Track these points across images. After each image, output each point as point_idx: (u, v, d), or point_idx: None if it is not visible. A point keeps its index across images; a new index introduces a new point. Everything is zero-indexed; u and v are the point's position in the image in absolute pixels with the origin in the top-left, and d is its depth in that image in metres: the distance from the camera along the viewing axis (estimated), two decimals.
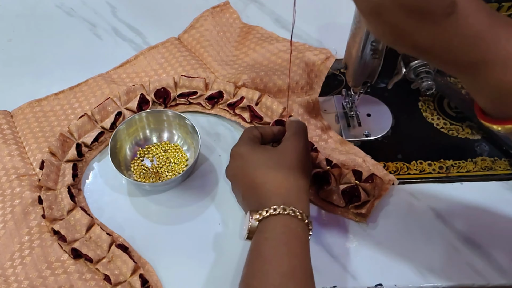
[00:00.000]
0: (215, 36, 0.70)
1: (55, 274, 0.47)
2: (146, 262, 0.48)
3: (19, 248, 0.48)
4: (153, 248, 0.49)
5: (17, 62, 0.70)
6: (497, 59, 0.29)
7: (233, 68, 0.65)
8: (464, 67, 0.30)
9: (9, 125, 0.60)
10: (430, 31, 0.28)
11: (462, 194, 0.53)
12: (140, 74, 0.66)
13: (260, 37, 0.69)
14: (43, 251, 0.48)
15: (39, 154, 0.56)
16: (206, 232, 0.50)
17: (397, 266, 0.47)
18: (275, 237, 0.40)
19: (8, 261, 0.48)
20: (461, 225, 0.50)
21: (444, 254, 0.48)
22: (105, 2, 0.78)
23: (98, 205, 0.53)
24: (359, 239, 0.49)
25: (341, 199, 0.50)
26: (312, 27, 0.72)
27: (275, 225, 0.40)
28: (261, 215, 0.40)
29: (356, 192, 0.49)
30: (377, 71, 0.48)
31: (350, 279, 0.47)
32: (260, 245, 0.40)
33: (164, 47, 0.69)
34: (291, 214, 0.40)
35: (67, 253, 0.48)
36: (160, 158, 0.56)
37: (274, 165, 0.44)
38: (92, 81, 0.65)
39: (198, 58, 0.67)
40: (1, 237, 0.49)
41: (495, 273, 0.46)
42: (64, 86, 0.65)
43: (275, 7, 0.77)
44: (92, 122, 0.58)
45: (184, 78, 0.61)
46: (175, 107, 0.61)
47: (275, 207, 0.40)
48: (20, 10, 0.78)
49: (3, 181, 0.54)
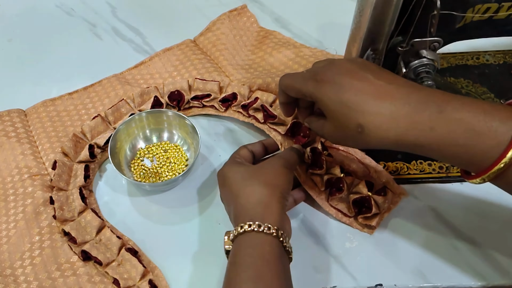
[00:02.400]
0: (231, 40, 0.69)
1: (64, 275, 0.46)
2: (155, 267, 0.47)
3: (29, 248, 0.48)
4: (154, 248, 0.49)
5: (17, 62, 0.70)
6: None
7: (249, 72, 0.64)
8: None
9: (23, 124, 0.60)
10: (358, 139, 0.37)
11: (462, 194, 0.53)
12: (154, 76, 0.66)
13: (277, 42, 0.68)
14: (53, 252, 0.48)
15: (51, 154, 0.56)
16: (206, 232, 0.50)
17: (397, 266, 0.47)
18: (236, 260, 0.38)
19: (18, 261, 0.48)
20: (461, 225, 0.50)
21: (444, 254, 0.48)
22: (105, 2, 0.78)
23: (108, 207, 0.53)
24: (359, 239, 0.49)
25: (351, 209, 0.50)
26: (312, 27, 0.72)
27: (239, 247, 0.39)
28: (229, 237, 0.40)
29: (367, 203, 0.48)
30: None
31: (350, 279, 0.47)
32: (228, 271, 0.38)
33: (179, 49, 0.69)
34: (255, 230, 0.38)
35: (76, 255, 0.48)
36: (160, 158, 0.56)
37: (249, 178, 0.43)
38: (106, 82, 0.64)
39: (213, 62, 0.67)
40: (12, 237, 0.49)
41: (495, 273, 0.46)
42: (64, 86, 0.65)
43: (275, 7, 0.77)
44: (105, 123, 0.58)
45: (198, 81, 0.61)
46: (189, 110, 0.61)
47: (241, 225, 0.39)
48: (20, 10, 0.78)
49: (16, 180, 0.54)
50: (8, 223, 0.50)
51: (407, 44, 0.43)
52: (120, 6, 0.78)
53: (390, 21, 0.41)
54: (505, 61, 0.64)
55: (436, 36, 0.43)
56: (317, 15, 0.75)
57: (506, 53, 0.64)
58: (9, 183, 0.54)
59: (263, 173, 0.43)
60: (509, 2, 0.42)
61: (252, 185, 0.42)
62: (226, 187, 0.44)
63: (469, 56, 0.64)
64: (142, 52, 0.70)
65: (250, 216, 0.39)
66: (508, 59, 0.64)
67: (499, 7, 0.43)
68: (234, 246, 0.40)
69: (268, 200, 0.41)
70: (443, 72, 0.63)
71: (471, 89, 0.61)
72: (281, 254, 0.39)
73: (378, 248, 0.48)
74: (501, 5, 0.42)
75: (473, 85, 0.61)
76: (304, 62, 0.64)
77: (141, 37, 0.73)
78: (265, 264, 0.37)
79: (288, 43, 0.68)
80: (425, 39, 0.43)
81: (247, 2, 0.77)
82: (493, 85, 0.61)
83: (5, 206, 0.52)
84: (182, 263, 0.48)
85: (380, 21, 0.41)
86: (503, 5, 0.42)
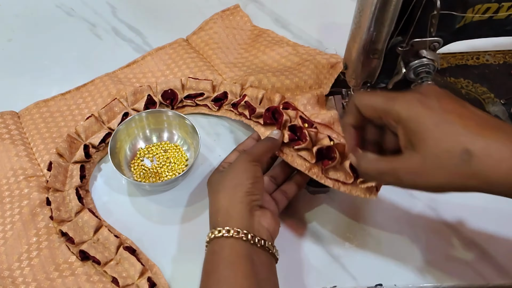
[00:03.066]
0: (224, 39, 0.69)
1: (62, 276, 0.46)
2: (154, 264, 0.48)
3: (27, 249, 0.48)
4: (152, 247, 0.49)
5: (17, 62, 0.69)
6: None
7: (241, 70, 0.64)
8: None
9: (17, 125, 0.60)
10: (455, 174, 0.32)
11: (462, 194, 0.52)
12: (147, 75, 0.66)
13: (270, 40, 0.69)
14: (51, 252, 0.48)
15: (46, 155, 0.56)
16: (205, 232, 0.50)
17: (397, 266, 0.47)
18: (204, 268, 0.40)
19: (16, 262, 0.47)
20: (461, 225, 0.50)
21: (444, 254, 0.48)
22: (105, 2, 0.78)
23: (105, 207, 0.53)
24: (359, 239, 0.49)
25: (349, 175, 0.46)
26: (312, 27, 0.72)
27: (207, 255, 0.40)
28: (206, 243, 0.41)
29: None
30: (377, 71, 0.48)
31: (350, 279, 0.47)
32: (200, 280, 0.40)
33: (171, 48, 0.69)
34: (217, 235, 0.39)
35: (74, 255, 0.48)
36: (160, 158, 0.56)
37: (216, 186, 0.44)
38: (99, 81, 0.64)
39: (206, 60, 0.67)
40: (9, 238, 0.49)
41: (495, 273, 0.46)
42: (64, 86, 0.65)
43: (275, 7, 0.77)
44: (99, 123, 0.58)
45: (191, 80, 0.61)
46: (182, 109, 0.61)
47: (208, 234, 0.41)
48: (20, 10, 0.78)
49: (12, 182, 0.53)
50: (5, 225, 0.50)
51: (407, 44, 0.43)
52: (120, 6, 0.78)
53: (390, 21, 0.41)
54: (505, 61, 0.64)
55: (436, 36, 0.43)
56: (317, 15, 0.75)
57: (506, 53, 0.64)
58: (4, 185, 0.53)
59: (226, 176, 0.43)
60: (509, 2, 0.42)
61: (217, 191, 0.43)
62: (209, 195, 0.46)
63: (469, 56, 0.64)
64: (142, 52, 0.70)
65: (215, 223, 0.41)
66: (508, 59, 0.64)
67: (499, 7, 0.43)
68: (205, 255, 0.41)
69: (228, 204, 0.41)
70: (443, 72, 0.63)
71: (471, 89, 0.61)
72: (248, 254, 0.38)
73: (378, 248, 0.48)
74: (501, 5, 0.42)
75: (473, 85, 0.61)
76: (297, 59, 0.64)
77: (141, 37, 0.73)
78: (227, 267, 0.37)
79: (282, 41, 0.68)
80: (425, 39, 0.43)
81: (247, 2, 0.77)
82: (493, 85, 0.61)
83: (1, 208, 0.52)
84: (181, 260, 0.48)
85: (380, 21, 0.41)
86: (503, 5, 0.42)
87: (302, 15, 0.75)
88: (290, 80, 0.60)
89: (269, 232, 0.42)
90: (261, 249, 0.40)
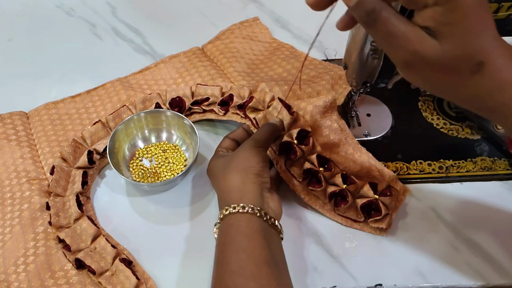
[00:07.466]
0: (240, 49, 0.69)
1: (57, 284, 0.46)
2: (149, 278, 0.47)
3: (24, 254, 0.48)
4: (150, 254, 0.49)
5: (17, 62, 0.70)
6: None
7: (254, 80, 0.64)
8: (492, 111, 0.32)
9: (24, 126, 0.60)
10: (458, 84, 0.30)
11: (462, 194, 0.53)
12: (158, 82, 0.65)
13: (288, 55, 0.67)
14: (47, 259, 0.47)
15: (50, 158, 0.56)
16: (205, 232, 0.50)
17: (397, 266, 0.47)
18: (220, 240, 0.42)
19: (12, 267, 0.47)
20: (461, 225, 0.50)
21: (444, 254, 0.48)
22: (105, 2, 0.78)
23: (105, 214, 0.52)
24: (359, 239, 0.49)
25: (359, 214, 0.50)
26: (312, 27, 0.72)
27: (222, 229, 0.42)
28: (215, 226, 0.44)
29: (375, 206, 0.48)
30: (377, 71, 0.48)
31: (350, 279, 0.46)
32: (216, 252, 0.42)
33: (185, 56, 0.68)
34: (232, 212, 0.42)
35: (70, 263, 0.47)
36: (158, 158, 0.56)
37: (226, 168, 0.46)
38: (110, 85, 0.64)
39: (219, 68, 0.66)
40: (7, 241, 0.49)
41: (495, 273, 0.46)
42: (64, 86, 0.65)
43: (275, 7, 0.77)
44: (105, 129, 0.57)
45: (200, 87, 0.60)
46: (190, 116, 0.60)
47: (222, 211, 0.43)
48: (20, 10, 0.78)
49: (14, 184, 0.53)
50: (4, 228, 0.50)
51: None
52: (120, 6, 0.78)
53: None
54: None
55: None
56: (317, 15, 0.74)
57: None
58: (6, 187, 0.53)
59: (235, 159, 0.46)
60: (509, 2, 0.42)
61: (229, 173, 0.45)
62: (211, 179, 0.49)
63: None
64: (142, 52, 0.70)
65: (228, 201, 0.43)
66: None
67: (499, 7, 0.43)
68: (219, 231, 0.43)
69: (241, 184, 0.44)
70: None
71: None
72: (262, 229, 0.41)
73: (378, 248, 0.48)
74: (501, 5, 0.42)
75: None
76: (313, 73, 0.62)
77: (141, 37, 0.73)
78: (245, 238, 0.40)
79: (301, 56, 0.67)
80: None
81: (247, 2, 0.77)
82: None
83: (2, 210, 0.52)
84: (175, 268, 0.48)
85: None
86: (503, 5, 0.42)
87: (302, 15, 0.75)
88: (302, 90, 0.59)
89: (275, 214, 0.44)
90: (271, 227, 0.43)
